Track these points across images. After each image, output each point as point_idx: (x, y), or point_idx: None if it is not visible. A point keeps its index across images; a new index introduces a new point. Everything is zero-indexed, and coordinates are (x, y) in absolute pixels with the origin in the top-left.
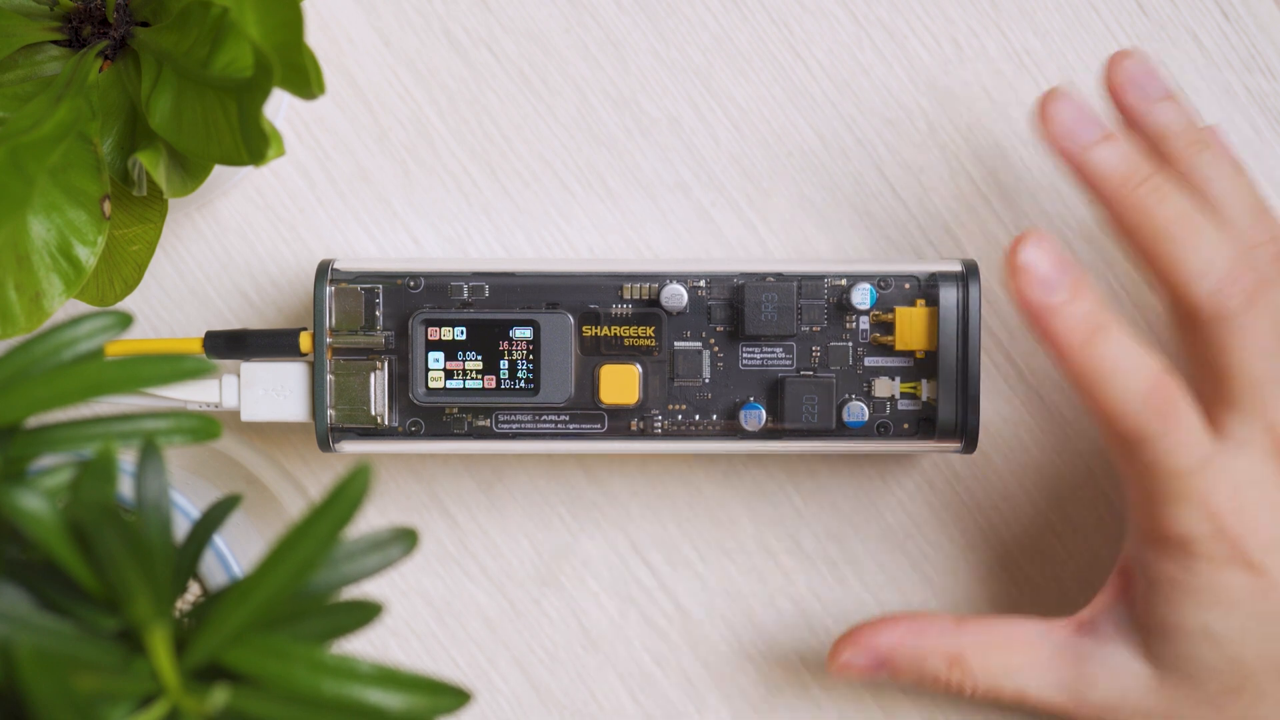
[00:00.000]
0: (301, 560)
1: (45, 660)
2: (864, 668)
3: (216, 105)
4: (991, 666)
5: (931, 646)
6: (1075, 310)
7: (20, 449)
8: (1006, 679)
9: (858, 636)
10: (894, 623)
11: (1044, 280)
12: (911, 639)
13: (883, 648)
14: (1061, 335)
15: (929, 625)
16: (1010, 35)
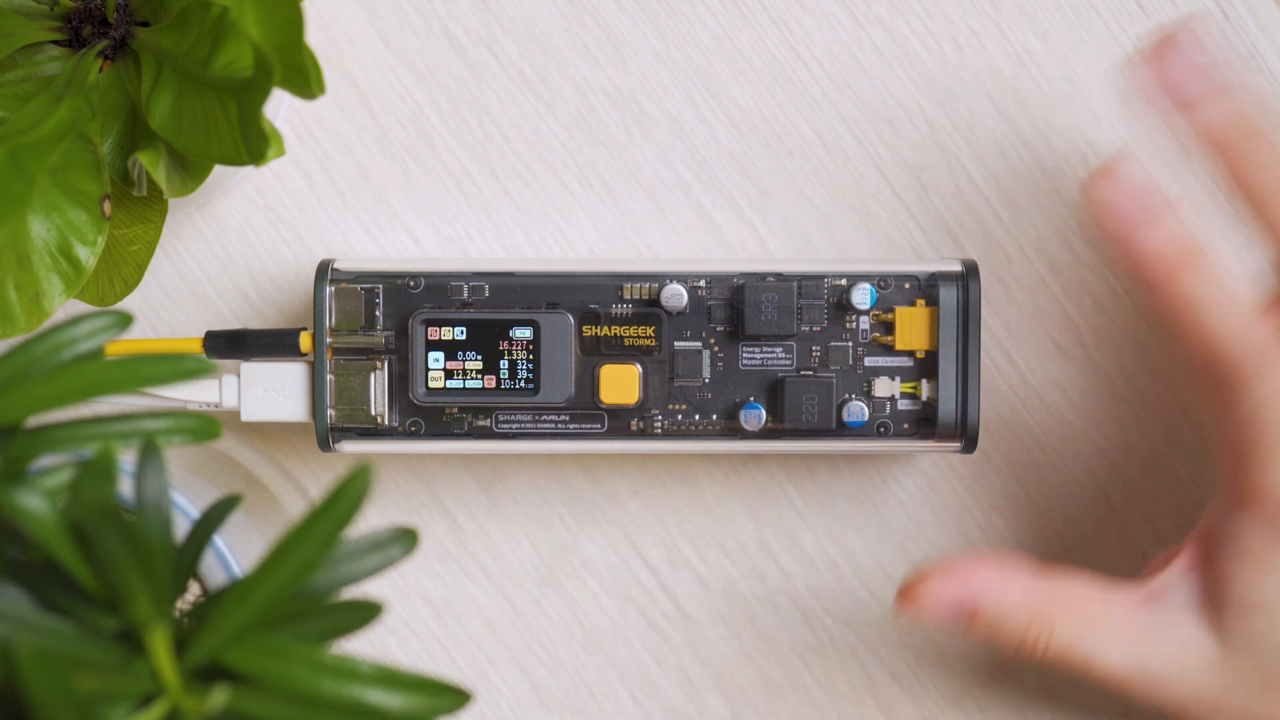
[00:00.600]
0: (301, 560)
1: (45, 660)
2: (950, 603)
3: (216, 105)
4: (1071, 628)
5: (1018, 598)
6: (1168, 232)
7: (20, 449)
8: (1078, 642)
9: (948, 568)
10: (979, 563)
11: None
12: (999, 585)
13: (975, 584)
14: (1153, 259)
15: (1014, 575)
16: (1010, 35)
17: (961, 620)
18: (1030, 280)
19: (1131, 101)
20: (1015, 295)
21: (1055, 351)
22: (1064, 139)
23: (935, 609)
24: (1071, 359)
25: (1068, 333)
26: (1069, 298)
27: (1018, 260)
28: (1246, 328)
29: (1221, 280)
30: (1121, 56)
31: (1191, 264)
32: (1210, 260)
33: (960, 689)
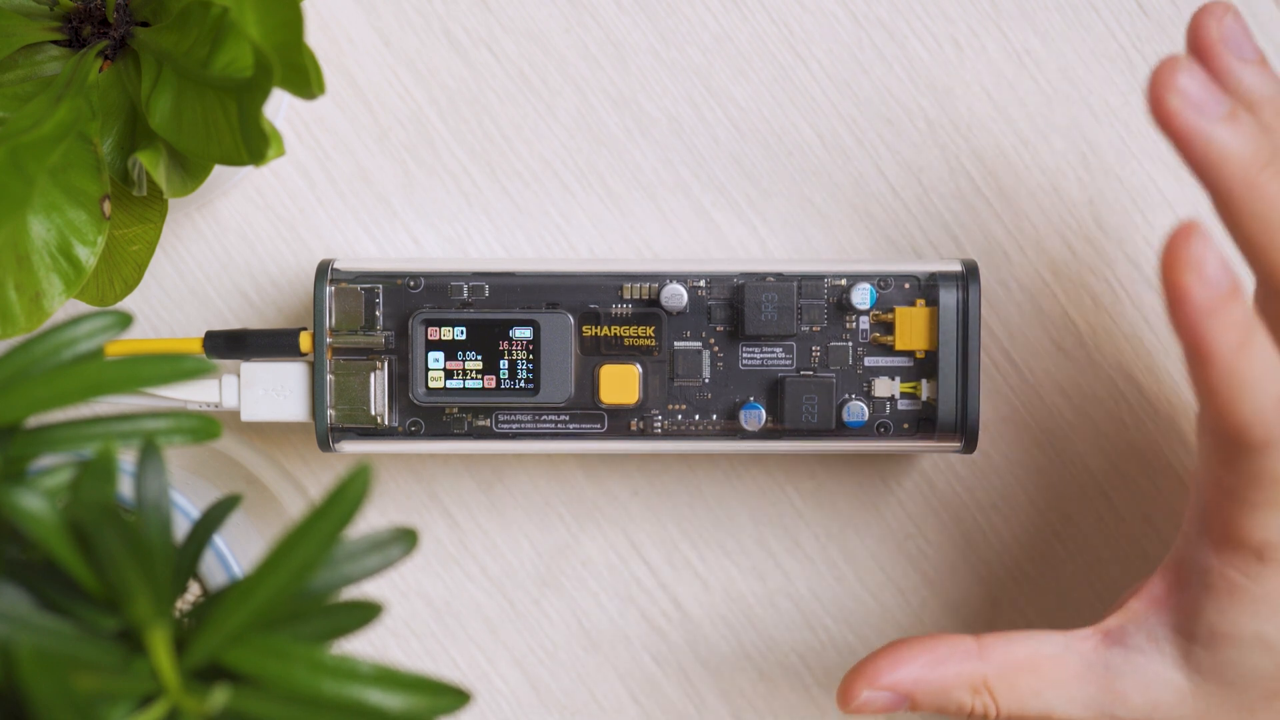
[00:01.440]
0: (302, 560)
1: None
2: (885, 705)
3: (216, 105)
4: (1018, 690)
5: (956, 676)
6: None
7: (20, 449)
8: (1033, 700)
9: (874, 673)
10: (910, 653)
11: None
12: (933, 670)
13: (905, 683)
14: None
15: (949, 653)
16: (1010, 35)
17: (903, 709)
18: (1030, 280)
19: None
20: (1015, 295)
21: (1055, 351)
22: (1064, 139)
23: (877, 710)
24: (1071, 359)
25: (1068, 333)
26: (1069, 298)
27: (1018, 260)
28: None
29: (1271, 358)
30: (1121, 56)
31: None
32: (1264, 336)
33: None
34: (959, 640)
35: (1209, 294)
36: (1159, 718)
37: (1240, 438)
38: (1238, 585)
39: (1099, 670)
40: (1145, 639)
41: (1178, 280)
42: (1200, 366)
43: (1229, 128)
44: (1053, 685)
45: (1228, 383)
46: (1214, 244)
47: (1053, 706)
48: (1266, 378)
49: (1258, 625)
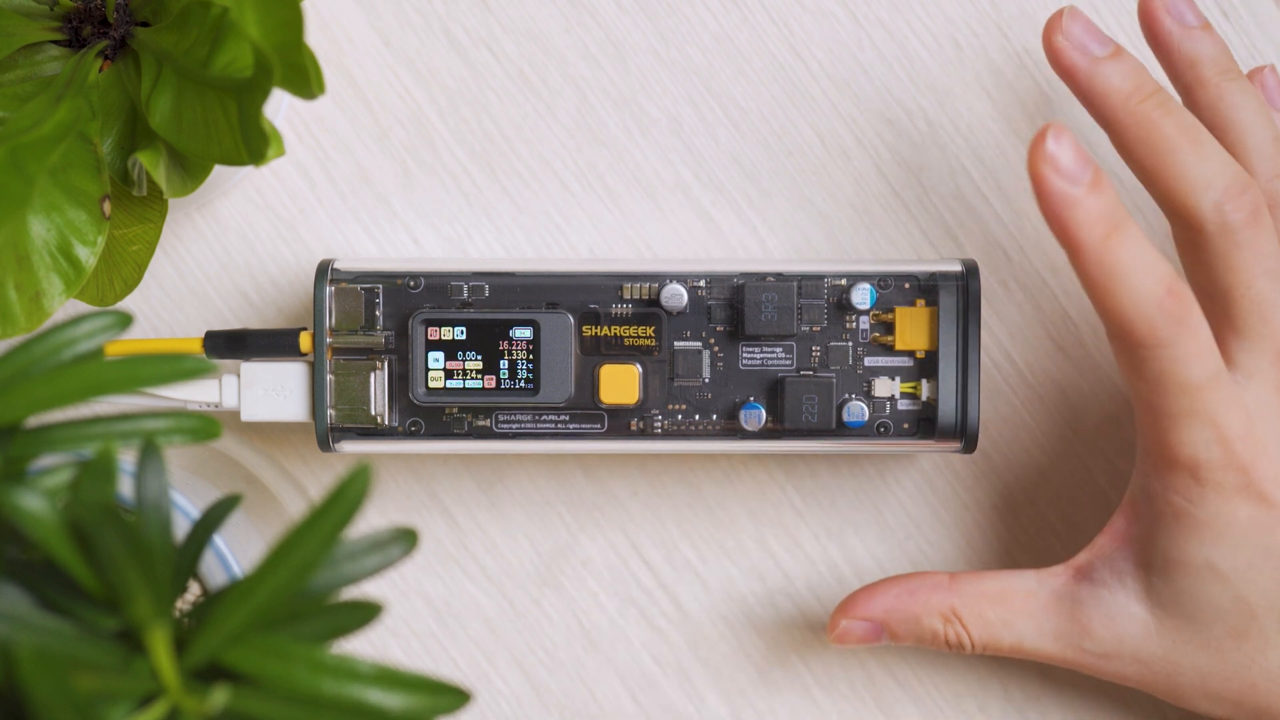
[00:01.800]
0: (302, 560)
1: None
2: (863, 635)
3: (216, 105)
4: (988, 619)
5: (925, 605)
6: (1096, 204)
7: (20, 449)
8: (1004, 630)
9: (852, 604)
10: (887, 586)
11: (1067, 170)
12: (906, 600)
13: (878, 612)
14: (1082, 229)
15: (922, 584)
16: (1010, 35)
17: (883, 639)
18: (1030, 280)
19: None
20: (1015, 295)
21: (1055, 351)
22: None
23: (856, 639)
24: (1071, 359)
25: (1068, 333)
26: (1069, 298)
27: (1018, 260)
28: (1161, 297)
29: (1144, 251)
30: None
31: (1118, 233)
32: (1136, 230)
33: (960, 688)
34: (932, 574)
35: (1066, 185)
36: (1125, 650)
37: (1127, 336)
38: (1182, 510)
39: (1067, 603)
40: (1109, 573)
41: (1036, 173)
42: (1073, 261)
43: (1112, 64)
44: (1022, 616)
45: (1100, 274)
46: (1072, 138)
47: (1023, 637)
48: (1141, 270)
49: (1206, 552)
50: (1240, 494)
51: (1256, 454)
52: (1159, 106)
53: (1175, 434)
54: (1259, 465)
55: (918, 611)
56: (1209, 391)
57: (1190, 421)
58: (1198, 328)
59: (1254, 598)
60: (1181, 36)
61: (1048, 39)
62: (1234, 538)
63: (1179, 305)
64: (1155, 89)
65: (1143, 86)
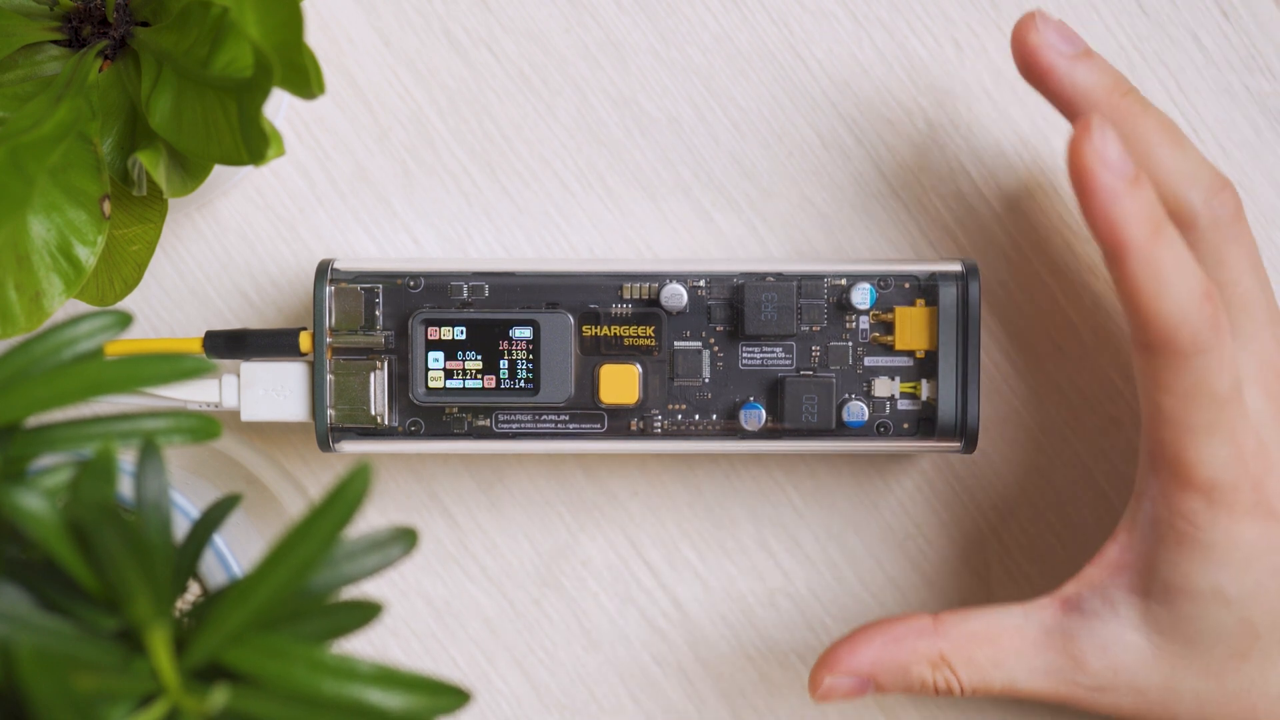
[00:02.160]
0: (301, 560)
1: (45, 660)
2: (848, 690)
3: (216, 105)
4: (977, 662)
5: (913, 653)
6: (1143, 200)
7: (20, 449)
8: (994, 671)
9: (835, 660)
10: (869, 636)
11: (1115, 164)
12: (891, 649)
13: (864, 665)
14: (1130, 226)
15: (907, 630)
16: (1010, 35)
17: (870, 692)
18: (1030, 280)
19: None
20: (1015, 295)
21: (1055, 351)
22: (1064, 139)
23: (840, 696)
24: (1071, 359)
25: (1068, 333)
26: (1069, 298)
27: (1018, 260)
28: (1200, 303)
29: (1186, 252)
30: (1121, 56)
31: (1164, 232)
32: (1175, 231)
33: None
34: (916, 618)
35: (1114, 179)
36: (1121, 681)
37: (1168, 341)
38: (1187, 535)
39: (1058, 637)
40: (1101, 603)
41: (1083, 166)
42: (1118, 260)
43: (1086, 63)
44: (1012, 655)
45: (1146, 273)
46: (1116, 135)
47: (1015, 677)
48: (1184, 270)
49: (1212, 576)
50: (1250, 513)
51: (1266, 469)
52: (1139, 102)
53: (1196, 451)
54: (1267, 484)
55: (905, 660)
56: (1232, 405)
57: (1212, 438)
58: (1228, 336)
59: (1259, 618)
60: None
61: (1021, 40)
62: (1242, 559)
63: (1216, 310)
64: (1131, 86)
65: (1120, 83)
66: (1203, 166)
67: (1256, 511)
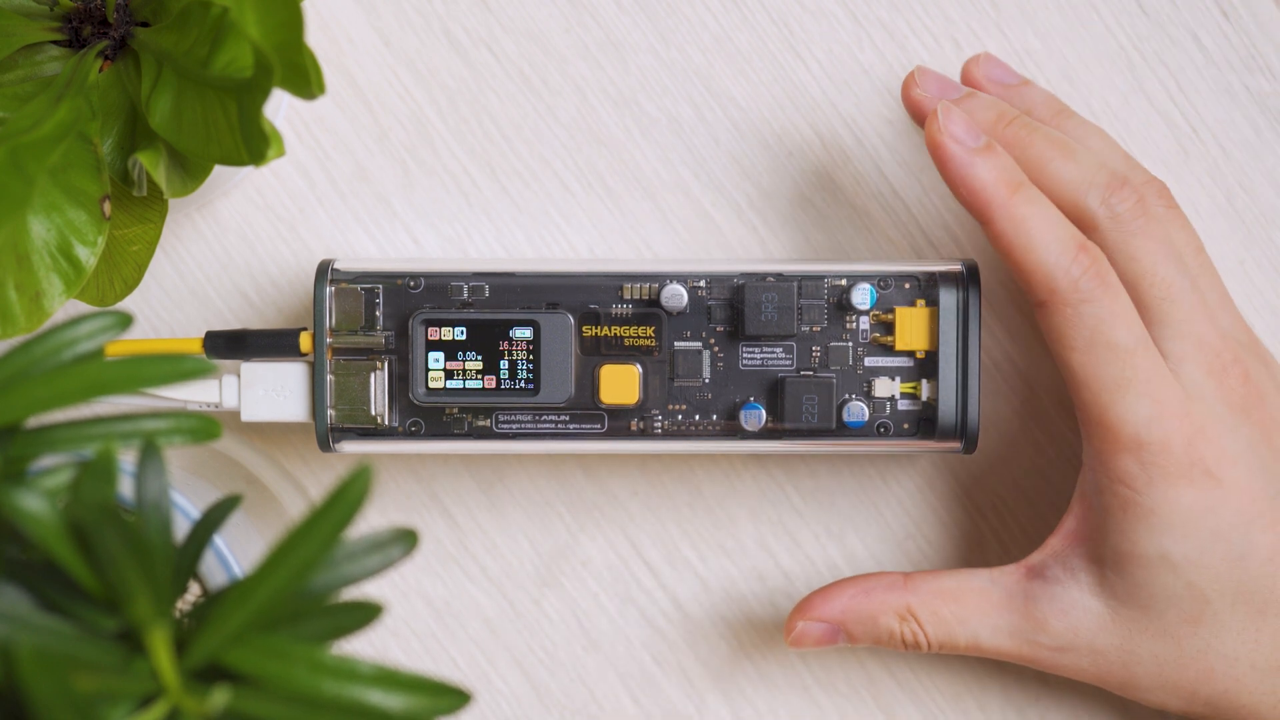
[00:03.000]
0: (302, 561)
1: (45, 660)
2: (819, 636)
3: (216, 105)
4: (943, 617)
5: (881, 604)
6: (996, 162)
7: (20, 449)
8: (959, 628)
9: (808, 606)
10: (842, 587)
11: (962, 135)
12: (861, 600)
13: (835, 613)
14: (987, 186)
15: (877, 583)
16: (1010, 35)
17: (840, 640)
18: None
19: None
20: (1015, 295)
21: None
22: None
23: (813, 641)
24: None
25: None
26: None
27: None
28: (1075, 250)
29: (1051, 208)
30: (1121, 56)
31: (1023, 190)
32: (1038, 191)
33: (960, 688)
34: (888, 574)
35: (962, 148)
36: (1080, 643)
37: (1051, 291)
38: (1129, 500)
39: (1020, 600)
40: (1062, 570)
41: (935, 143)
42: (985, 222)
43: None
44: (976, 613)
45: (1012, 228)
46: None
47: (978, 634)
48: (1053, 223)
49: (1158, 542)
50: (1184, 477)
51: (1194, 433)
52: (1024, 126)
53: (1115, 408)
54: (1198, 445)
55: (874, 610)
56: (1141, 357)
57: (1127, 391)
58: (1118, 288)
59: (1205, 583)
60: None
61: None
62: (1181, 524)
63: (1095, 260)
64: (1017, 114)
65: (1005, 113)
66: (1098, 170)
67: (1191, 473)
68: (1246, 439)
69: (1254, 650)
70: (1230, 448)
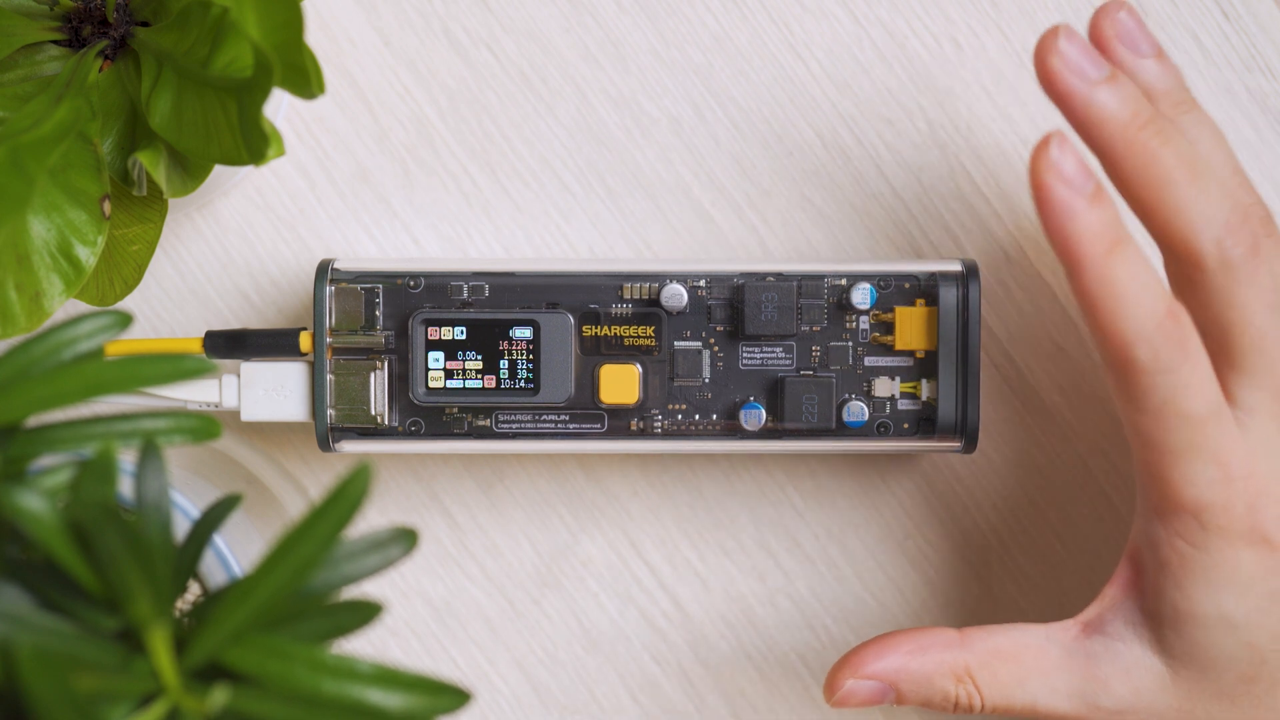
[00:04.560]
0: (302, 560)
1: (45, 660)
2: (868, 696)
3: (216, 105)
4: (1001, 679)
5: (938, 664)
6: (1099, 216)
7: (20, 449)
8: (1017, 690)
9: (858, 662)
10: (894, 644)
11: (1071, 179)
12: (916, 660)
13: (888, 673)
14: (1084, 241)
15: (931, 642)
16: (1010, 35)
17: (889, 700)
18: (1030, 280)
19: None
20: (1015, 295)
21: (1055, 351)
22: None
23: (859, 702)
24: (1071, 359)
25: (1068, 333)
26: (1069, 298)
27: (1018, 260)
28: (1162, 318)
29: (1146, 270)
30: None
31: (1121, 249)
32: (1137, 249)
33: None
34: (942, 631)
35: (1070, 194)
36: (1142, 705)
37: (1128, 361)
38: (1187, 557)
39: (1080, 659)
40: (1123, 625)
41: (1040, 182)
42: (1073, 277)
43: (1109, 89)
44: (1035, 674)
45: (1101, 291)
46: (1075, 148)
47: (1036, 696)
48: (1144, 289)
49: (1216, 601)
50: (1245, 538)
51: (1259, 494)
52: (1158, 135)
53: (1178, 471)
54: (1263, 506)
55: (930, 672)
56: (1212, 425)
57: (1193, 458)
58: (1199, 356)
59: (1263, 642)
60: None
61: (1041, 62)
62: (1241, 584)
63: (1180, 329)
64: (1153, 116)
65: (1140, 114)
66: (1220, 203)
67: (1251, 536)
68: None
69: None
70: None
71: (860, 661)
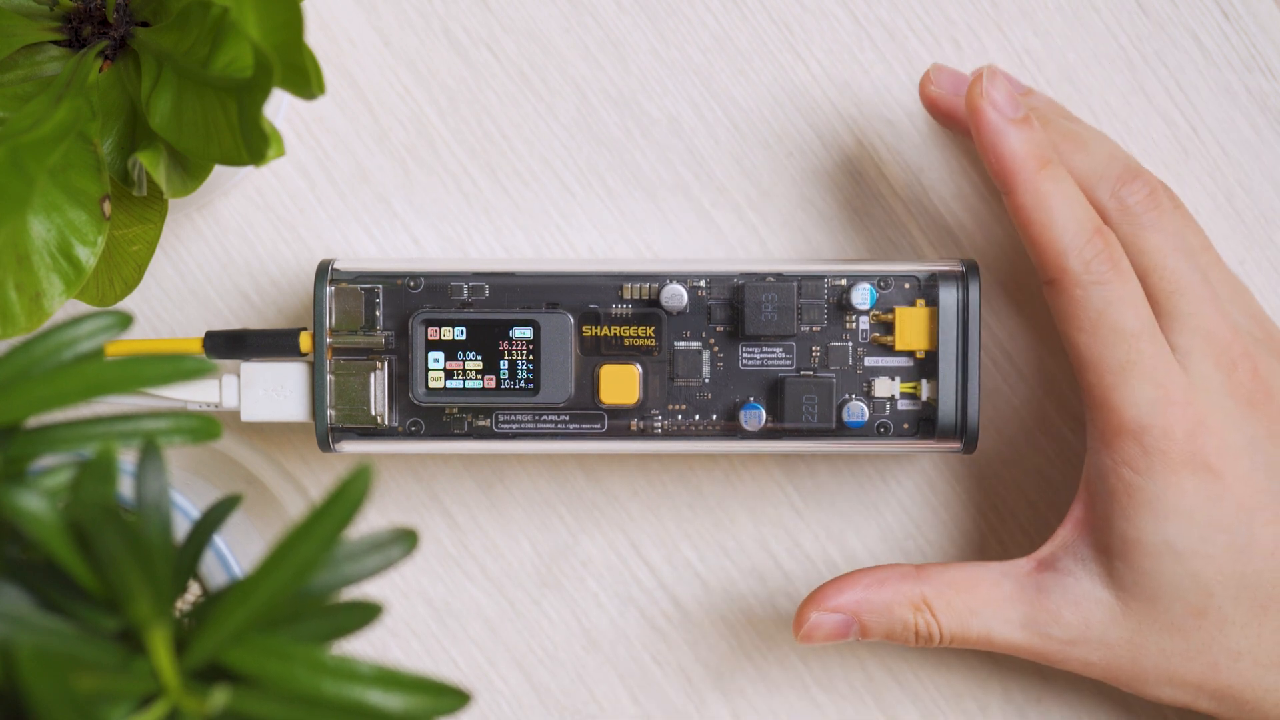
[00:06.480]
0: (302, 561)
1: (45, 660)
2: (832, 629)
3: (216, 105)
4: (956, 608)
5: (896, 594)
6: (1029, 135)
7: (20, 449)
8: (972, 619)
9: (821, 596)
10: (854, 579)
11: (1002, 104)
12: (875, 590)
13: (850, 605)
14: (1016, 158)
15: (890, 574)
16: (1010, 35)
17: (854, 634)
18: (1030, 280)
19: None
20: (1015, 295)
21: (1055, 351)
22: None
23: (825, 635)
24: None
25: None
26: None
27: (1018, 260)
28: (1092, 233)
29: (1075, 189)
30: (1121, 56)
31: (1051, 167)
32: (1065, 171)
33: (960, 688)
34: (900, 565)
35: (1000, 117)
36: (1091, 635)
37: (1063, 270)
38: (1133, 484)
39: (1032, 591)
40: (1073, 561)
41: (974, 105)
42: (1007, 193)
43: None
44: (988, 604)
45: (1033, 203)
46: (1006, 82)
47: (990, 626)
48: (1074, 203)
49: (1161, 529)
50: (1187, 464)
51: (1198, 423)
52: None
53: (1118, 393)
54: (1199, 437)
55: (889, 601)
56: (1146, 341)
57: (1131, 375)
58: (1129, 275)
59: (1208, 574)
60: None
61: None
62: (1185, 513)
63: (1109, 247)
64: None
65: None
66: (1110, 163)
67: (1193, 463)
68: (1251, 434)
69: (1257, 645)
70: (1233, 441)
71: (823, 597)
